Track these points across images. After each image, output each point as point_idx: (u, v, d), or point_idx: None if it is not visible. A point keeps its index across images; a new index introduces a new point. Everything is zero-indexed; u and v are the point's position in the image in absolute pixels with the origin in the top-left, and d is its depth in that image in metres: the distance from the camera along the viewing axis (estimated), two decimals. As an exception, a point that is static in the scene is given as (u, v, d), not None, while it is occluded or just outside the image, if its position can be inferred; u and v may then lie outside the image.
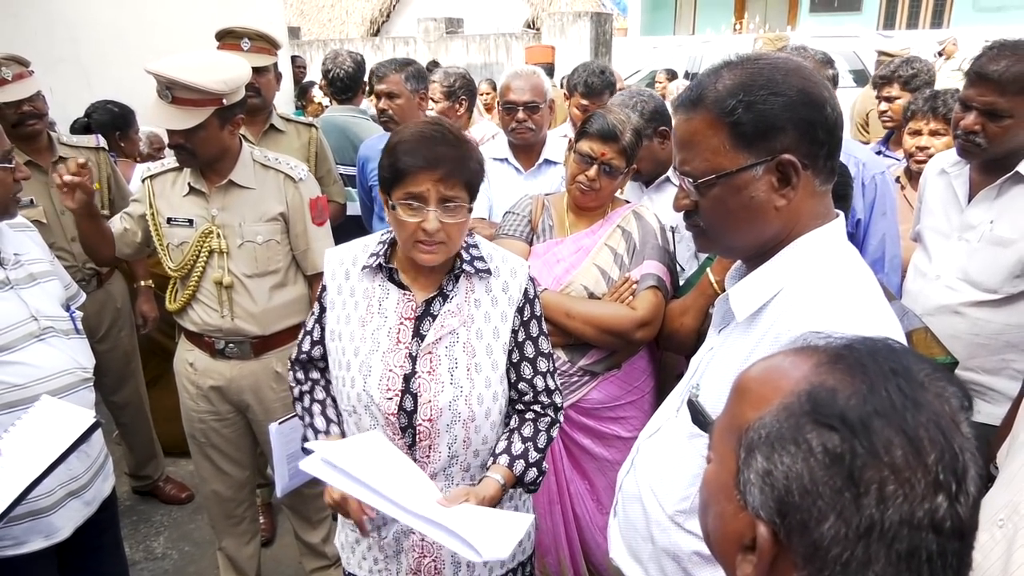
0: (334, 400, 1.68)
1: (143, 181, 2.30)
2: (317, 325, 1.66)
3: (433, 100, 3.42)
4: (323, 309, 1.64)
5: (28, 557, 1.71)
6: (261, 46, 2.84)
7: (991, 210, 2.05)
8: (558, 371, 2.02)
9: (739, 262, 1.19)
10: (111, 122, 3.50)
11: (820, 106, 1.02)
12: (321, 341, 1.66)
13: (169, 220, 2.25)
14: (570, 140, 2.14)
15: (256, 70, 2.82)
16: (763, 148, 1.01)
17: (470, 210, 1.48)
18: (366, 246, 1.61)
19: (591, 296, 2.03)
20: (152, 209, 2.26)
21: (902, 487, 0.56)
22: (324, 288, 1.63)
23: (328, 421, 1.66)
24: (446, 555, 1.59)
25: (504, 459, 1.55)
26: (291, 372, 1.73)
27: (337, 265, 1.62)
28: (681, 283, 2.14)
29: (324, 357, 1.67)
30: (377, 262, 1.55)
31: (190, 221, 2.24)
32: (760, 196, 1.04)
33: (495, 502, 1.50)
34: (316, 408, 1.68)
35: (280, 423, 2.17)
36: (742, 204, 1.05)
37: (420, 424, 1.51)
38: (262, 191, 2.29)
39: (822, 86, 1.04)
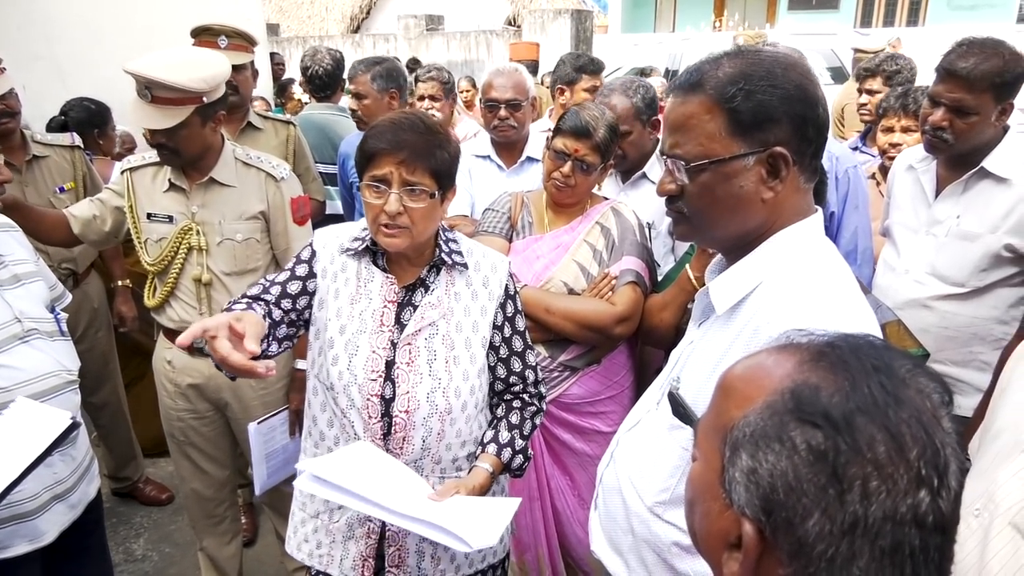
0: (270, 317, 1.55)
1: (122, 173, 2.28)
2: (302, 285, 1.57)
3: (432, 99, 3.40)
4: (312, 274, 1.59)
5: (12, 562, 1.69)
6: (238, 44, 2.83)
7: (958, 205, 2.10)
8: (539, 367, 2.05)
9: (719, 256, 1.20)
10: (88, 120, 3.46)
11: (814, 104, 1.04)
12: (294, 302, 1.57)
13: (149, 215, 2.24)
14: (548, 138, 2.16)
15: (234, 68, 2.80)
16: (757, 138, 1.02)
17: (437, 198, 1.49)
18: (352, 229, 1.64)
19: (571, 292, 2.05)
20: (131, 203, 2.24)
21: (885, 483, 0.57)
22: (314, 254, 1.61)
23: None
24: (410, 543, 1.59)
25: (492, 448, 1.61)
26: (235, 303, 1.57)
27: (331, 238, 1.63)
28: (659, 279, 2.16)
29: (287, 314, 1.57)
30: (363, 245, 1.58)
31: (170, 217, 2.23)
32: (748, 186, 1.04)
33: (485, 490, 1.54)
34: (260, 308, 1.53)
35: (259, 423, 2.16)
36: (730, 192, 1.05)
37: (397, 415, 1.52)
38: (243, 189, 2.28)
39: (817, 85, 1.05)
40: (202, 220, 2.23)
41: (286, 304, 1.58)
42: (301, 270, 1.61)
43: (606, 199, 2.21)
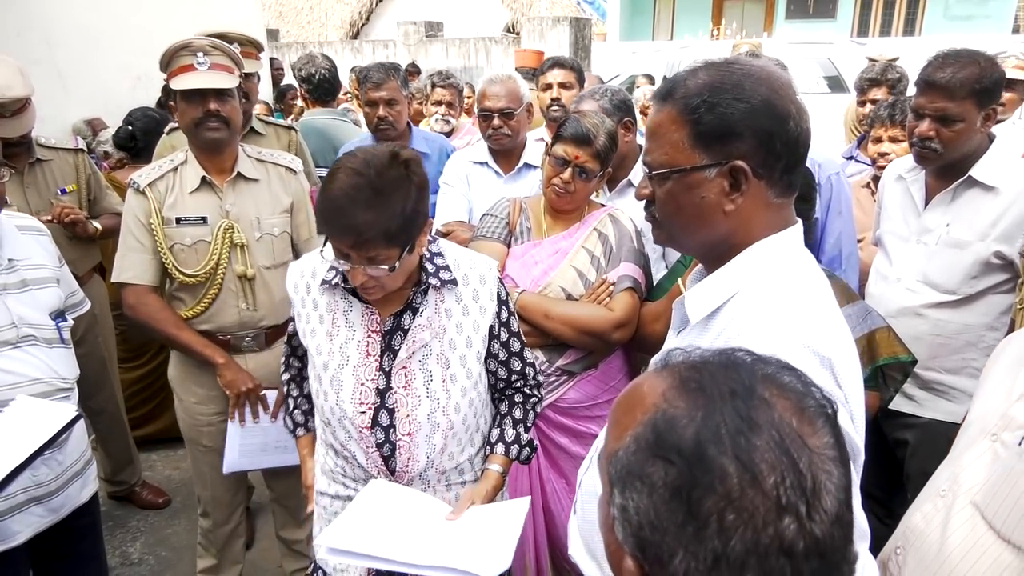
0: (307, 398, 1.74)
1: (141, 192, 2.18)
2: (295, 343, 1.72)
3: (449, 105, 3.40)
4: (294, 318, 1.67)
5: None
6: (249, 51, 2.83)
7: (947, 213, 2.12)
8: (537, 369, 2.07)
9: (700, 266, 1.21)
10: (154, 128, 3.39)
11: (783, 119, 1.02)
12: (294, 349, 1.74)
13: (179, 220, 2.20)
14: (547, 144, 2.18)
15: (244, 75, 2.83)
16: (719, 151, 1.02)
17: (405, 254, 1.42)
18: (324, 259, 1.55)
19: (568, 297, 2.07)
20: (158, 217, 2.18)
21: (741, 516, 0.55)
22: (292, 302, 1.65)
23: (296, 425, 1.79)
24: None
25: (500, 448, 1.66)
26: (285, 345, 1.82)
27: (299, 277, 1.62)
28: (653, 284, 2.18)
29: (301, 361, 1.73)
30: (337, 277, 1.54)
31: (203, 218, 2.21)
32: (710, 197, 1.05)
33: (499, 491, 1.60)
34: (291, 403, 1.81)
35: (240, 423, 2.20)
36: (692, 202, 1.06)
37: (399, 439, 1.53)
38: (269, 184, 2.32)
39: (789, 100, 1.04)
40: (237, 216, 2.24)
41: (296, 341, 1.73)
42: (290, 328, 1.72)
43: (603, 206, 2.23)
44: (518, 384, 1.71)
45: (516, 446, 1.67)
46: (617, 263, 2.09)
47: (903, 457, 2.27)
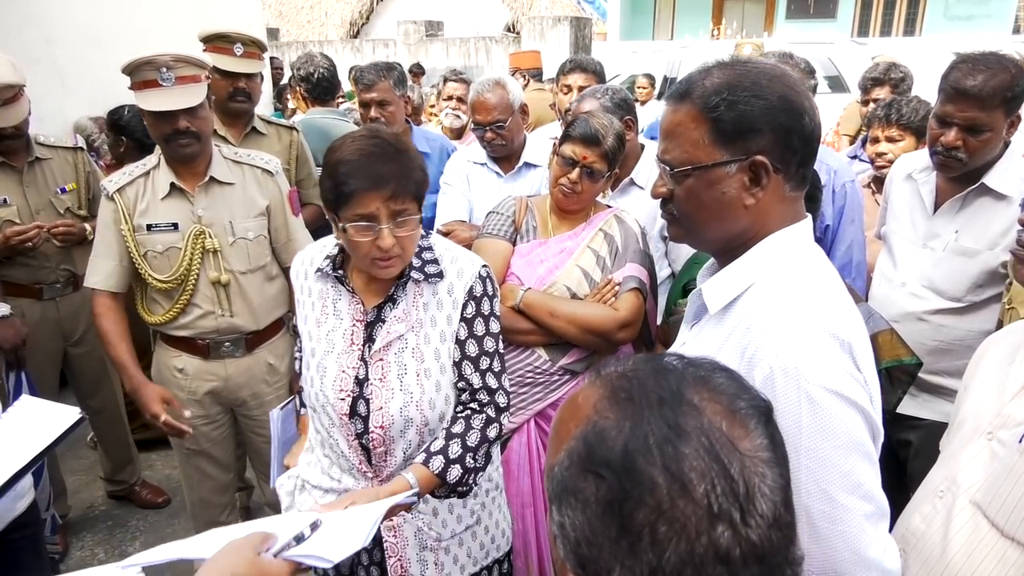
0: None
1: (110, 199, 2.19)
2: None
3: (460, 100, 3.38)
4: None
5: None
6: (252, 51, 2.82)
7: (956, 220, 2.09)
8: (539, 369, 2.05)
9: (711, 261, 1.23)
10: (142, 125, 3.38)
11: (799, 114, 1.06)
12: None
13: (150, 227, 2.19)
14: (555, 143, 2.17)
15: (247, 76, 2.81)
16: (739, 147, 1.06)
17: (420, 219, 1.48)
18: (324, 247, 1.62)
19: (574, 296, 2.07)
20: (128, 224, 2.18)
21: (673, 527, 0.54)
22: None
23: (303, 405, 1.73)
24: (411, 553, 1.60)
25: (420, 456, 1.46)
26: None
27: (299, 265, 1.66)
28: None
29: None
30: (330, 265, 1.56)
31: (175, 224, 2.20)
32: (731, 192, 1.08)
33: (395, 495, 1.37)
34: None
35: (281, 408, 2.16)
36: (713, 198, 1.09)
37: (373, 431, 1.52)
38: (244, 187, 2.29)
39: (804, 96, 1.08)
40: (210, 221, 2.22)
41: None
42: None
43: (609, 207, 2.22)
44: (465, 396, 1.57)
45: (441, 457, 1.45)
46: (623, 264, 2.09)
47: (906, 458, 2.26)
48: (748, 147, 1.05)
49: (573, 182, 2.04)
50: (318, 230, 3.02)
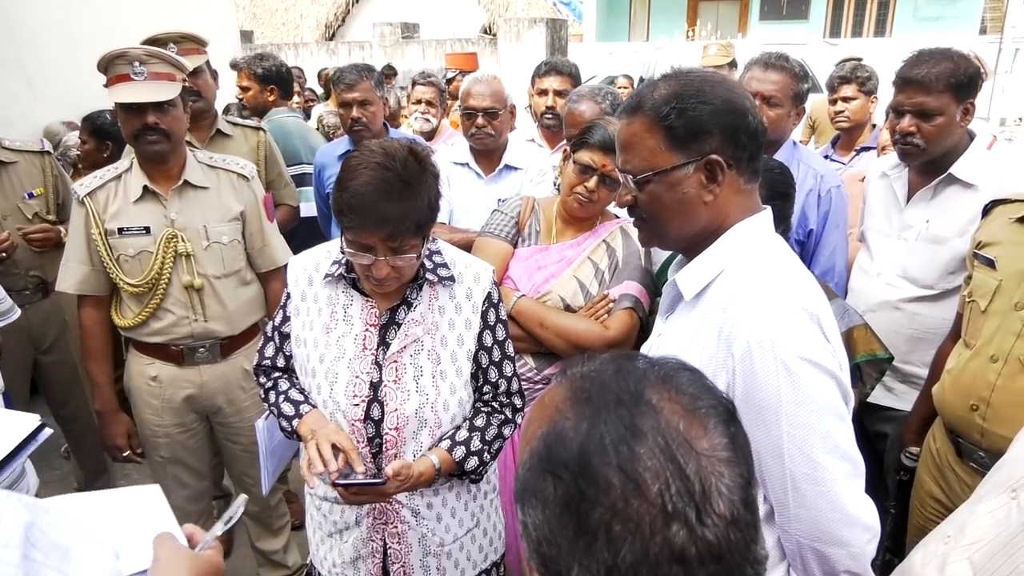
0: (297, 383, 1.67)
1: (81, 203, 2.15)
2: (277, 333, 1.66)
3: (429, 104, 3.41)
4: (286, 318, 1.63)
5: None
6: (189, 47, 2.74)
7: (927, 210, 2.16)
8: (523, 376, 2.04)
9: (680, 257, 1.30)
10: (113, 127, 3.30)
11: (743, 114, 1.15)
12: (281, 348, 1.66)
13: (121, 231, 2.16)
14: (566, 150, 2.11)
15: (191, 72, 2.77)
16: (693, 149, 1.14)
17: (425, 240, 1.47)
18: (328, 252, 1.61)
19: (567, 308, 2.03)
20: (99, 228, 2.15)
21: (627, 526, 0.55)
22: (288, 296, 1.63)
23: (296, 404, 1.61)
24: (414, 560, 1.60)
25: (446, 443, 1.55)
26: (256, 378, 1.74)
27: (300, 271, 1.62)
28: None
29: (287, 361, 1.67)
30: (339, 271, 1.55)
31: (147, 228, 2.16)
32: (691, 192, 1.16)
33: (428, 481, 1.50)
34: (281, 399, 1.64)
35: (265, 418, 2.14)
36: (675, 199, 1.17)
37: (387, 433, 1.52)
38: (218, 191, 2.26)
39: (744, 97, 1.18)
40: (183, 226, 2.19)
41: (280, 360, 1.68)
42: (279, 317, 1.65)
43: (617, 217, 2.15)
44: (488, 396, 1.64)
45: (463, 448, 1.55)
46: (621, 279, 2.04)
47: (883, 450, 2.29)
48: (701, 148, 1.14)
49: (591, 191, 1.98)
50: (292, 231, 3.00)
